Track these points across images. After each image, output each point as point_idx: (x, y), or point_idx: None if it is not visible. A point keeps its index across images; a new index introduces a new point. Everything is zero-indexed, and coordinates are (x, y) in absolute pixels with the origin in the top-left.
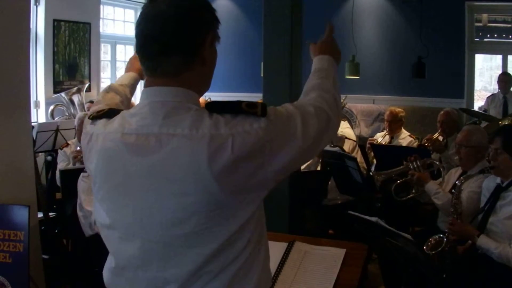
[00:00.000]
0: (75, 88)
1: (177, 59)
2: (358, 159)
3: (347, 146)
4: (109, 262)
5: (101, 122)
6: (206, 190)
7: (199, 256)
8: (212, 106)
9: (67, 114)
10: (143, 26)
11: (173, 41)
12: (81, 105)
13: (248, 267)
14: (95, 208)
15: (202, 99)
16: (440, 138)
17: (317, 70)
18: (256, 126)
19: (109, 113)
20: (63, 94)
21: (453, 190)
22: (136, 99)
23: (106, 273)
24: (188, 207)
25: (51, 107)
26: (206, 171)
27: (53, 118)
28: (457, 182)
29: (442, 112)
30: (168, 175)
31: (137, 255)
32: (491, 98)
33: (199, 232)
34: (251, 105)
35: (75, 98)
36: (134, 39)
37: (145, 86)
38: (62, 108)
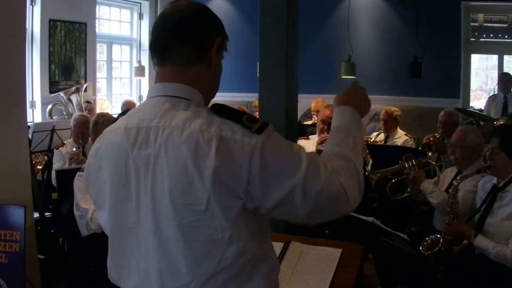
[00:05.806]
0: (74, 87)
1: (188, 49)
2: None
3: None
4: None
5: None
6: (189, 182)
7: (190, 252)
8: (217, 108)
9: (65, 114)
10: (160, 21)
11: (188, 28)
12: (79, 105)
13: (244, 280)
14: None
15: None
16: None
17: (336, 129)
18: (246, 140)
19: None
20: (61, 93)
21: (449, 190)
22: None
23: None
24: (178, 199)
25: (49, 106)
26: (190, 164)
27: (51, 117)
28: (454, 182)
29: (443, 112)
30: (162, 166)
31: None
32: (492, 98)
33: (189, 225)
34: (251, 119)
35: (74, 98)
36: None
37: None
38: (60, 107)
